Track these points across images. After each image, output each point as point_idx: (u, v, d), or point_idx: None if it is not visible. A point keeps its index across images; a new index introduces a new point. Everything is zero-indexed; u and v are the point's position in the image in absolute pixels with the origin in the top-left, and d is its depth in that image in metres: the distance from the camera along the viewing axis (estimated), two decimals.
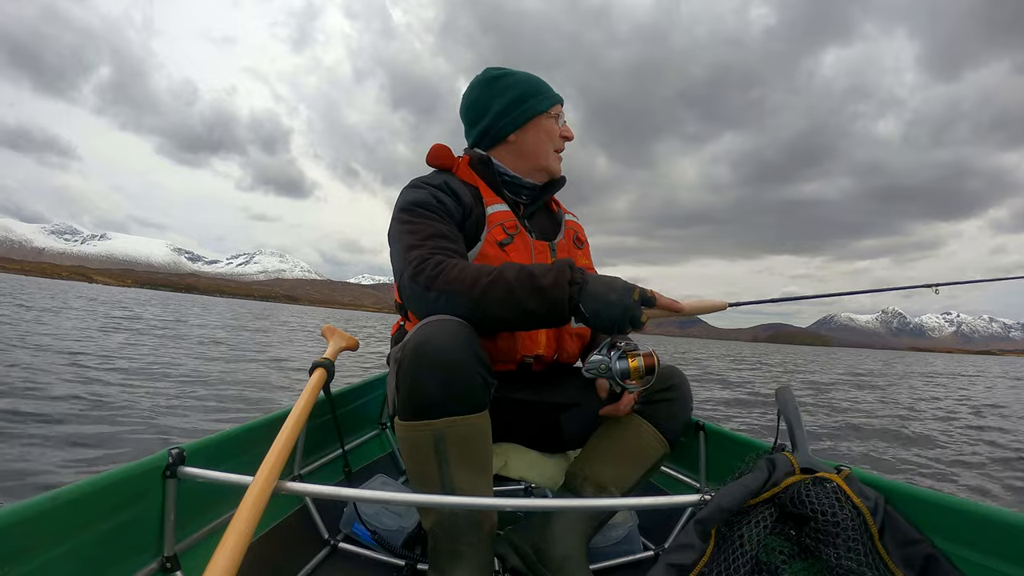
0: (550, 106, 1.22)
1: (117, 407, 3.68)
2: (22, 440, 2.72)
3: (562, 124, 1.25)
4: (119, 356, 6.32)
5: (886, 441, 5.00)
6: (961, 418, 7.03)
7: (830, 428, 5.59)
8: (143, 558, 0.81)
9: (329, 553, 1.14)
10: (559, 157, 1.26)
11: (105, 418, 3.38)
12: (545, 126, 1.22)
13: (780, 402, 1.09)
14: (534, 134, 1.22)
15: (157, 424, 3.36)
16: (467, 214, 1.12)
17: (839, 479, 0.82)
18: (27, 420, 3.09)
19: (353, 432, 1.71)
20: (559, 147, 1.25)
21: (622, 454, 1.13)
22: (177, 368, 5.89)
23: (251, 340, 11.59)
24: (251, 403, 4.43)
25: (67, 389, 4.02)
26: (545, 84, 1.24)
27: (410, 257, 0.97)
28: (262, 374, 6.30)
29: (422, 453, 0.89)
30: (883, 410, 7.38)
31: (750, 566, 0.77)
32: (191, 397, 4.36)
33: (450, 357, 0.85)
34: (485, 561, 0.94)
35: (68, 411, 3.41)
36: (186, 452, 0.86)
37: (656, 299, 0.90)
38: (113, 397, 3.99)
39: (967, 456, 4.50)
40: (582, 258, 1.28)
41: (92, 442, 2.85)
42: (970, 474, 3.89)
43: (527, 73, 1.25)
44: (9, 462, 2.41)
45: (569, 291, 0.88)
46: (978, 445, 5.04)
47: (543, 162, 1.23)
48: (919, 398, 9.61)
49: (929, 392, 11.10)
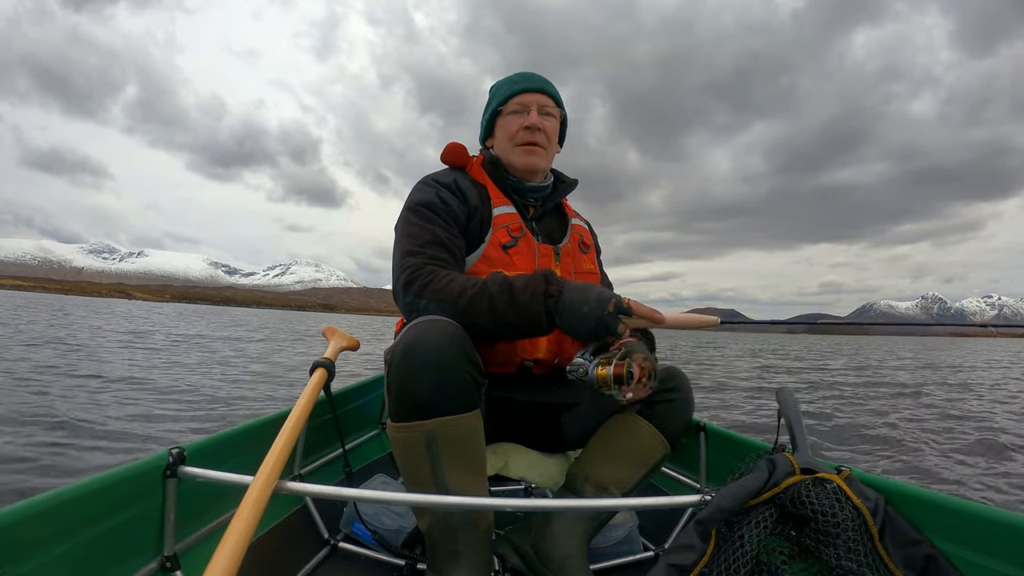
0: (506, 99, 1.19)
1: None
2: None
3: (528, 114, 1.18)
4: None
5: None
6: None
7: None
8: (143, 558, 0.81)
9: (329, 553, 1.14)
10: (524, 150, 1.18)
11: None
12: (503, 124, 1.21)
13: (780, 402, 1.09)
14: (496, 137, 1.23)
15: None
16: (471, 215, 1.13)
17: (839, 480, 0.82)
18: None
19: (353, 432, 1.71)
20: (520, 140, 1.18)
21: (622, 454, 1.13)
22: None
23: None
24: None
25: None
26: (514, 78, 1.22)
27: (405, 264, 1.01)
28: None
29: (414, 454, 0.89)
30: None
31: (750, 567, 0.77)
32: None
33: (439, 357, 0.85)
34: (483, 561, 0.94)
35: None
36: (186, 452, 0.86)
37: (633, 309, 0.90)
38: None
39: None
40: (587, 262, 1.28)
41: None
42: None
43: (514, 73, 1.24)
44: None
45: (545, 305, 0.91)
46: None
47: (507, 159, 1.21)
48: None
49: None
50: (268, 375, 6.64)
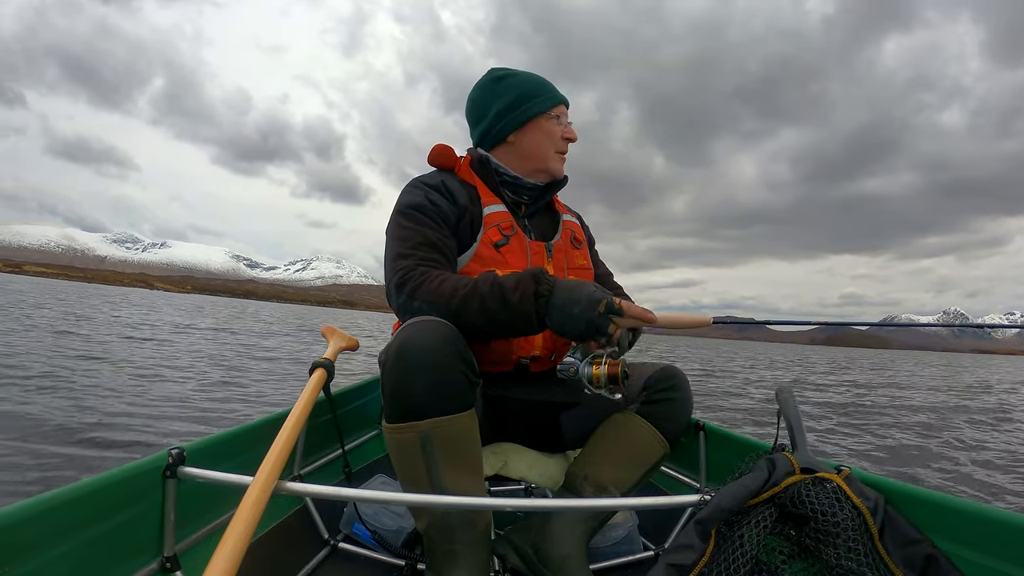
0: (551, 107, 1.21)
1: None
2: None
3: (565, 125, 1.24)
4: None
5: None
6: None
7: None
8: (143, 558, 0.81)
9: (329, 553, 1.14)
10: (561, 158, 1.25)
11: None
12: (545, 127, 1.21)
13: (780, 402, 1.09)
14: (533, 135, 1.21)
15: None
16: (461, 215, 1.13)
17: (839, 479, 0.82)
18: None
19: (353, 432, 1.71)
20: (560, 148, 1.24)
21: (622, 454, 1.13)
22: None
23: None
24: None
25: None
26: (548, 85, 1.23)
27: (397, 266, 1.01)
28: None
29: (410, 455, 0.89)
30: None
31: (750, 566, 0.77)
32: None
33: (433, 358, 0.85)
34: (482, 561, 0.94)
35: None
36: (186, 452, 0.86)
37: (624, 310, 0.90)
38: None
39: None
40: (579, 258, 1.28)
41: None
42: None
43: (531, 74, 1.24)
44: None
45: (536, 305, 0.91)
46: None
47: (543, 163, 1.22)
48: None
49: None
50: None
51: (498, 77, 1.23)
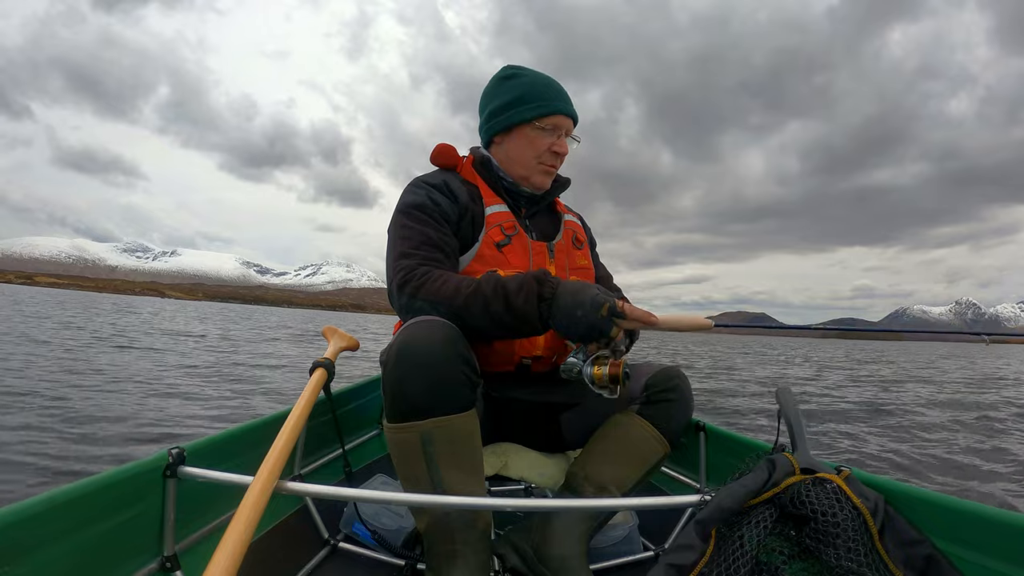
0: (540, 116, 1.16)
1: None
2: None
3: (557, 137, 1.18)
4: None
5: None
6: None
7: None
8: (143, 558, 0.81)
9: (329, 553, 1.14)
10: (544, 170, 1.20)
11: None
12: (529, 136, 1.17)
13: (780, 402, 1.09)
14: (515, 142, 1.19)
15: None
16: (463, 214, 1.13)
17: (839, 479, 0.82)
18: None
19: (353, 432, 1.71)
20: (546, 161, 1.19)
21: (622, 454, 1.13)
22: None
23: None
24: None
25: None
26: (550, 92, 1.17)
27: (399, 266, 1.00)
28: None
29: (410, 455, 0.89)
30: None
31: (750, 567, 0.77)
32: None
33: (434, 358, 0.86)
34: (481, 561, 0.94)
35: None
36: (186, 452, 0.86)
37: (626, 312, 0.90)
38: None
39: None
40: (580, 258, 1.28)
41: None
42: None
43: (539, 77, 1.19)
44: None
45: (539, 308, 0.91)
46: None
47: (524, 172, 1.19)
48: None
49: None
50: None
51: (505, 76, 1.21)
